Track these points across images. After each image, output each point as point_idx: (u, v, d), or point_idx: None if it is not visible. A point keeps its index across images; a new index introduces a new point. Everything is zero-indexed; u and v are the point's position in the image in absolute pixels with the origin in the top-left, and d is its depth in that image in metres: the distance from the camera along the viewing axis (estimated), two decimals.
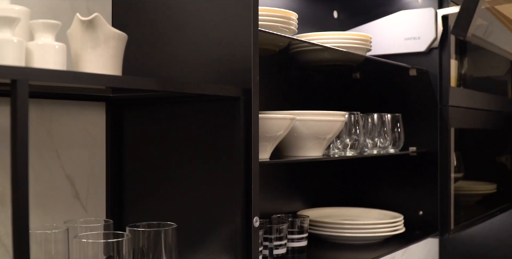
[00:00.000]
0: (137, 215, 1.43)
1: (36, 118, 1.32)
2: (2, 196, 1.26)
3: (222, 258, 1.29)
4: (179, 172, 1.37)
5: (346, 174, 2.34)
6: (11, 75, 0.86)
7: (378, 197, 2.24)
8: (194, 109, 1.35)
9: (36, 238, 1.19)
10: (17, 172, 0.86)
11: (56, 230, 1.19)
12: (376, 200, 2.24)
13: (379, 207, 2.19)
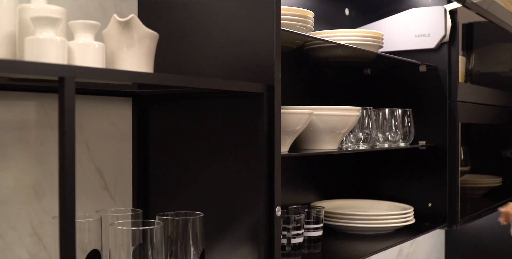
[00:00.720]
0: (162, 205, 1.49)
1: None
2: (36, 188, 1.33)
3: (245, 246, 1.36)
4: (203, 164, 1.44)
5: (357, 167, 2.41)
6: (59, 73, 0.92)
7: (389, 190, 2.30)
8: (218, 104, 1.42)
9: None
10: (64, 165, 0.93)
11: (89, 219, 1.25)
12: (387, 193, 2.31)
13: (390, 199, 2.25)
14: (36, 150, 1.33)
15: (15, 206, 1.29)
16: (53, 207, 1.36)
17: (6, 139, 1.27)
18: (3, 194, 1.27)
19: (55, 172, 1.30)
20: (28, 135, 1.31)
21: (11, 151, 1.28)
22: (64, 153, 0.92)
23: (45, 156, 1.34)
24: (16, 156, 1.29)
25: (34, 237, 1.33)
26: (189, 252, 1.30)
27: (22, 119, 1.30)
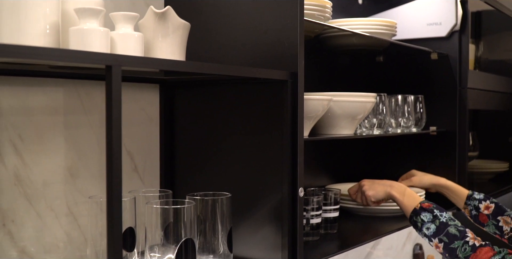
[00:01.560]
0: (188, 187, 1.57)
1: (101, 99, 1.46)
2: (71, 170, 1.41)
3: (269, 225, 1.44)
4: (228, 147, 1.51)
5: (370, 152, 2.48)
6: (106, 61, 1.00)
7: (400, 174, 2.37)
8: (242, 90, 1.49)
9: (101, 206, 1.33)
10: (112, 147, 1.00)
11: (124, 198, 1.33)
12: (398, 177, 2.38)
13: None
14: (71, 134, 1.40)
15: (51, 187, 1.37)
16: (87, 188, 1.43)
17: (43, 124, 1.34)
18: (41, 175, 1.34)
19: (89, 155, 1.38)
20: (64, 120, 1.39)
21: (48, 135, 1.35)
22: (111, 136, 1.00)
23: (79, 139, 1.42)
24: (53, 140, 1.36)
25: (70, 216, 1.41)
26: (217, 231, 1.37)
27: (58, 105, 1.37)
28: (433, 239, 1.68)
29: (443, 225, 1.66)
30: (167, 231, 1.26)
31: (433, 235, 1.67)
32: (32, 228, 1.33)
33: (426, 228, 1.69)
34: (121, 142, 1.01)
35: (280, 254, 1.42)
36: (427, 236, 1.69)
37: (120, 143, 1.01)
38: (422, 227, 1.70)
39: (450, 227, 1.66)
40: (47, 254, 1.36)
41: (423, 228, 1.69)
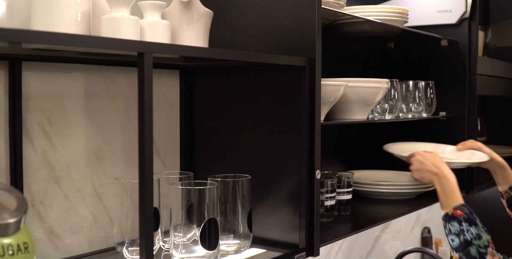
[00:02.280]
0: (207, 169, 1.61)
1: (125, 84, 1.51)
2: (97, 152, 1.46)
3: (287, 206, 1.49)
4: (247, 132, 1.56)
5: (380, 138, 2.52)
6: (139, 48, 1.05)
7: None
8: (261, 76, 1.53)
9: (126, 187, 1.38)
10: (144, 130, 1.05)
11: None
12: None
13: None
14: (97, 118, 1.45)
15: (78, 169, 1.42)
16: (112, 170, 1.49)
17: (71, 108, 1.39)
18: (69, 158, 1.39)
19: (114, 138, 1.43)
20: (90, 104, 1.44)
21: (75, 119, 1.41)
22: (143, 120, 1.05)
23: (105, 124, 1.47)
24: (79, 124, 1.42)
25: (95, 197, 1.46)
26: (238, 212, 1.43)
27: (84, 90, 1.42)
28: (454, 251, 1.72)
29: (466, 243, 1.69)
30: (190, 211, 1.31)
31: (455, 249, 1.72)
32: (60, 209, 1.38)
33: (451, 239, 1.72)
34: (152, 125, 1.06)
35: (297, 234, 1.48)
36: (450, 245, 1.73)
37: (151, 126, 1.06)
38: (448, 235, 1.74)
39: (472, 247, 1.68)
40: (73, 234, 1.41)
41: (448, 237, 1.74)
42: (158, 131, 1.60)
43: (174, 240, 1.31)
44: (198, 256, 1.29)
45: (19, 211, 1.00)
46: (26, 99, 1.30)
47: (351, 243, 2.52)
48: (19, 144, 1.28)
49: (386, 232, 2.80)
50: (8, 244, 0.97)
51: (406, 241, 3.01)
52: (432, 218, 3.28)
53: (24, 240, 0.99)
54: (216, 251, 1.31)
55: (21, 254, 0.98)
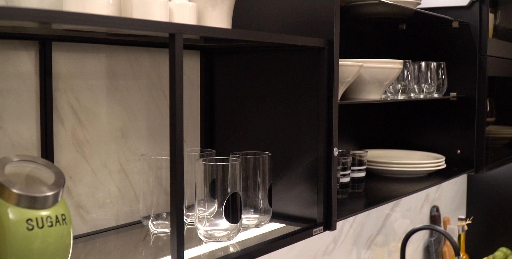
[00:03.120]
0: (226, 147, 1.67)
1: (149, 64, 1.56)
2: (123, 130, 1.51)
3: (305, 182, 1.54)
4: (266, 111, 1.61)
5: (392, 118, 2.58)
6: (170, 30, 1.09)
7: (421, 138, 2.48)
8: (280, 57, 1.58)
9: (151, 164, 1.44)
10: (175, 108, 1.10)
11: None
12: (419, 141, 2.49)
13: (422, 147, 2.44)
14: (122, 97, 1.50)
15: (105, 146, 1.47)
16: (137, 147, 1.54)
17: (98, 87, 1.45)
18: (96, 135, 1.45)
19: (138, 116, 1.49)
20: (116, 84, 1.49)
21: (102, 97, 1.46)
22: (175, 98, 1.10)
23: (129, 102, 1.52)
24: (107, 102, 1.47)
25: (122, 173, 1.51)
26: (258, 187, 1.48)
27: (110, 69, 1.47)
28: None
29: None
30: (213, 186, 1.37)
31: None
32: (88, 184, 1.44)
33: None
34: (183, 104, 1.11)
35: (315, 209, 1.53)
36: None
37: (182, 104, 1.11)
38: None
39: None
40: (100, 209, 1.47)
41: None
42: None
43: (198, 214, 1.37)
44: (222, 229, 1.35)
45: (57, 185, 1.05)
46: (56, 78, 1.36)
47: (362, 221, 2.58)
48: (49, 122, 1.33)
49: (396, 211, 2.86)
50: (47, 215, 1.02)
51: (415, 219, 3.07)
52: (441, 197, 3.34)
53: (62, 212, 1.05)
54: (239, 224, 1.36)
55: (59, 225, 1.03)
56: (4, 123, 1.27)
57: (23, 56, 1.31)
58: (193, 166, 1.43)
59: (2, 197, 1.00)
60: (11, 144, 1.29)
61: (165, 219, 1.45)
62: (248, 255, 1.33)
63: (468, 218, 3.25)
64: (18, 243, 0.99)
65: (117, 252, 1.41)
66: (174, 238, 1.13)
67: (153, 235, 1.44)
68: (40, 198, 1.01)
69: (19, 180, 1.05)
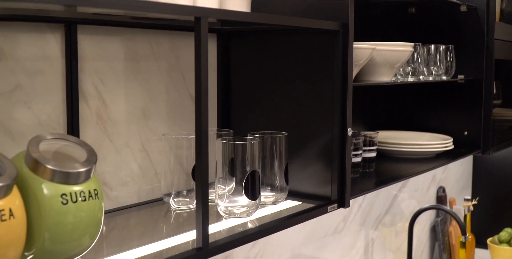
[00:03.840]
0: (242, 128, 1.72)
1: (168, 47, 1.60)
2: (144, 110, 1.56)
3: (320, 162, 1.60)
4: (282, 92, 1.66)
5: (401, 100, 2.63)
6: (196, 13, 1.14)
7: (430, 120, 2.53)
8: (296, 39, 1.62)
9: (171, 143, 1.49)
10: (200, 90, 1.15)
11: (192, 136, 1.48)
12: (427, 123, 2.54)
13: (430, 128, 2.49)
14: (144, 79, 1.55)
15: (128, 126, 1.52)
16: (158, 127, 1.59)
17: (121, 69, 1.50)
18: (119, 115, 1.50)
19: (158, 98, 1.54)
20: (137, 66, 1.54)
21: (124, 79, 1.51)
22: (200, 79, 1.15)
23: (150, 84, 1.57)
24: (128, 84, 1.52)
25: (143, 152, 1.57)
26: (275, 166, 1.53)
27: (133, 52, 1.52)
28: None
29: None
30: (232, 165, 1.42)
31: None
32: (111, 162, 1.49)
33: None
34: (208, 84, 1.16)
35: (329, 187, 1.59)
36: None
37: (207, 86, 1.16)
38: None
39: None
40: (123, 186, 1.53)
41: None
42: None
43: (218, 192, 1.42)
44: (241, 205, 1.41)
45: (89, 161, 1.10)
46: (81, 60, 1.40)
47: (371, 201, 2.64)
48: (75, 102, 1.39)
49: (403, 192, 2.92)
50: (80, 190, 1.07)
51: (422, 200, 3.13)
52: (447, 178, 3.40)
53: (94, 187, 1.09)
54: (257, 201, 1.42)
55: (91, 200, 1.08)
56: (32, 103, 1.32)
57: (50, 39, 1.35)
58: (212, 145, 1.48)
59: (37, 173, 1.04)
60: (39, 124, 1.34)
61: (186, 196, 1.50)
62: (266, 230, 1.39)
63: (474, 199, 3.31)
64: (53, 217, 1.03)
65: (139, 228, 1.46)
66: (199, 213, 1.18)
67: (174, 211, 1.50)
68: (73, 174, 1.06)
69: (52, 157, 1.10)
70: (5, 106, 1.27)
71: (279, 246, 2.11)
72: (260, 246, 2.01)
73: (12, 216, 0.97)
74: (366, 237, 2.67)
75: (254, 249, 1.99)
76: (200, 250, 1.18)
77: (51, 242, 1.05)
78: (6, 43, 1.27)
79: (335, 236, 2.44)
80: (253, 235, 1.35)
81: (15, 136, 1.29)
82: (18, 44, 1.29)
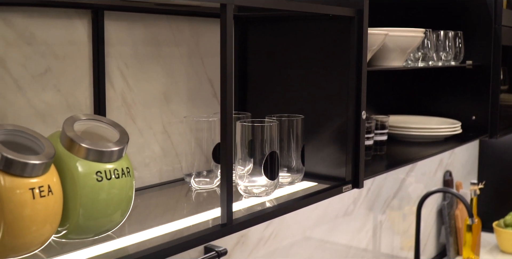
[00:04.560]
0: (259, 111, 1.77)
1: (189, 33, 1.66)
2: (165, 94, 1.62)
3: (334, 144, 1.65)
4: (297, 77, 1.71)
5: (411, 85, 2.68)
6: (221, 0, 1.19)
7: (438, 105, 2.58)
8: (311, 26, 1.68)
9: (192, 126, 1.55)
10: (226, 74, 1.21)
11: (214, 118, 1.54)
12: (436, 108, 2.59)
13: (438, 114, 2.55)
14: (165, 63, 1.61)
15: (150, 109, 1.58)
16: (178, 110, 1.65)
17: (144, 54, 1.55)
18: (143, 98, 1.56)
19: (179, 82, 1.60)
20: (159, 51, 1.59)
21: (147, 64, 1.56)
22: (225, 64, 1.21)
23: (172, 68, 1.62)
24: (151, 68, 1.57)
25: (165, 134, 1.63)
26: (292, 148, 1.59)
27: (155, 38, 1.57)
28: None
29: None
30: (252, 146, 1.47)
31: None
32: (135, 143, 1.55)
33: None
34: (233, 69, 1.22)
35: (343, 169, 1.64)
36: None
37: (232, 70, 1.22)
38: None
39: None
40: (146, 167, 1.59)
41: None
42: (216, 76, 1.76)
43: (238, 172, 1.48)
44: (261, 185, 1.47)
45: (121, 141, 1.16)
46: (107, 45, 1.46)
47: (379, 184, 2.70)
48: (102, 85, 1.44)
49: (411, 176, 2.98)
50: (113, 168, 1.13)
51: (429, 184, 3.19)
52: (454, 162, 3.46)
53: (126, 165, 1.15)
54: (276, 181, 1.48)
55: (124, 177, 1.14)
56: (62, 86, 1.38)
57: (78, 24, 1.41)
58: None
59: (72, 152, 1.10)
60: (67, 106, 1.40)
61: (206, 177, 1.56)
62: (285, 208, 1.45)
63: (480, 183, 3.36)
64: (87, 194, 1.09)
65: (162, 206, 1.53)
66: (224, 191, 1.24)
67: (195, 191, 1.56)
68: (107, 152, 1.12)
69: (86, 136, 1.16)
70: (36, 89, 1.33)
71: (292, 227, 2.18)
72: (274, 227, 2.07)
73: (51, 192, 1.03)
74: (375, 220, 2.73)
75: (268, 229, 2.05)
76: (225, 226, 1.25)
77: (84, 218, 1.10)
78: (37, 28, 1.32)
79: (345, 218, 2.50)
80: (272, 213, 1.41)
81: (46, 118, 1.35)
82: (48, 29, 1.34)
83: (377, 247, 2.80)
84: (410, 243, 3.06)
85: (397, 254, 3.00)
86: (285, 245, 2.15)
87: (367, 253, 2.72)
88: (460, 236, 3.34)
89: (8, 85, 1.28)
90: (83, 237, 1.15)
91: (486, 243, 3.51)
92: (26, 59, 1.31)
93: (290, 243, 2.18)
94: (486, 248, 3.46)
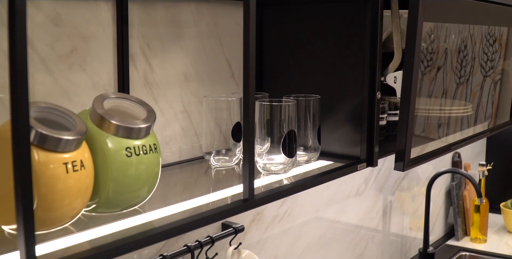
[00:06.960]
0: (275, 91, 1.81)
1: (207, 14, 1.70)
2: (186, 74, 1.66)
3: (350, 124, 1.70)
4: (313, 58, 1.75)
5: None
6: None
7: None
8: (326, 8, 1.71)
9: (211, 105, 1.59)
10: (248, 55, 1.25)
11: (233, 98, 1.59)
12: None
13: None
14: (186, 44, 1.65)
15: (171, 89, 1.63)
16: (198, 90, 1.69)
17: (165, 35, 1.59)
18: (164, 78, 1.60)
19: (199, 62, 1.64)
20: (180, 32, 1.63)
21: (168, 44, 1.60)
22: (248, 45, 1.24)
23: (191, 49, 1.67)
24: (172, 49, 1.62)
25: (184, 114, 1.67)
26: (308, 127, 1.64)
27: (175, 18, 1.61)
28: None
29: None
30: (270, 125, 1.52)
31: None
32: (157, 122, 1.59)
33: None
34: (254, 51, 1.26)
35: (358, 148, 1.69)
36: None
37: (254, 51, 1.26)
38: None
39: None
40: (166, 145, 1.63)
41: None
42: (233, 56, 1.80)
43: (257, 150, 1.52)
44: (279, 163, 1.51)
45: (149, 119, 1.20)
46: (130, 26, 1.50)
47: (390, 164, 2.75)
48: (126, 65, 1.48)
49: None
50: (142, 144, 1.17)
51: (438, 165, 3.23)
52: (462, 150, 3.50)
53: (154, 142, 1.20)
54: (294, 158, 1.52)
55: (152, 153, 1.19)
56: (87, 66, 1.42)
57: (102, 5, 1.45)
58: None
59: (102, 128, 1.15)
60: (92, 85, 1.44)
61: (225, 155, 1.61)
62: (302, 185, 1.50)
63: (489, 164, 3.41)
64: (117, 169, 1.14)
65: (182, 183, 1.58)
66: (246, 167, 1.28)
67: (214, 169, 1.61)
68: (136, 129, 1.16)
69: (115, 114, 1.20)
70: (62, 69, 1.37)
71: (306, 205, 2.23)
72: (288, 205, 2.12)
73: (83, 167, 1.07)
74: (385, 200, 2.78)
75: (282, 207, 2.10)
76: (247, 201, 1.29)
77: (114, 192, 1.15)
78: (63, 9, 1.36)
79: (356, 198, 2.55)
80: (291, 189, 1.46)
81: (72, 97, 1.39)
82: (74, 10, 1.38)
83: (387, 227, 2.85)
84: (419, 223, 3.11)
85: (406, 234, 3.05)
86: (298, 223, 2.20)
87: (377, 233, 2.77)
88: (468, 216, 3.39)
89: (36, 65, 1.32)
90: (111, 210, 1.19)
91: (493, 223, 3.56)
92: (53, 40, 1.35)
93: (303, 222, 2.23)
94: (493, 229, 3.51)
